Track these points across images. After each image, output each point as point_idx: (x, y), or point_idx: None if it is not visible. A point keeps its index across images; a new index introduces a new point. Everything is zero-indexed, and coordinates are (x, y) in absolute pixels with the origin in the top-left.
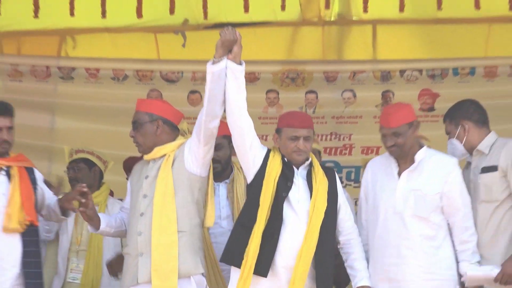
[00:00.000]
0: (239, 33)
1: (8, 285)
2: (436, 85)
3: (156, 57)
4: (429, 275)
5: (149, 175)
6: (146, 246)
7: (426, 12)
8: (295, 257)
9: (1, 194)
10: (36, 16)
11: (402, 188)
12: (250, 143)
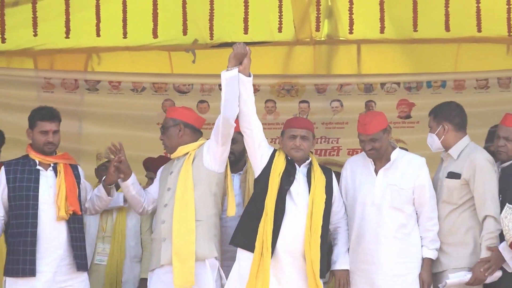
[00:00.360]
0: (249, 48)
1: (55, 265)
2: (412, 96)
3: (170, 71)
4: (401, 258)
5: (173, 171)
6: (168, 233)
7: (404, 33)
8: (294, 242)
9: (48, 187)
10: (67, 36)
11: (380, 184)
12: (258, 143)
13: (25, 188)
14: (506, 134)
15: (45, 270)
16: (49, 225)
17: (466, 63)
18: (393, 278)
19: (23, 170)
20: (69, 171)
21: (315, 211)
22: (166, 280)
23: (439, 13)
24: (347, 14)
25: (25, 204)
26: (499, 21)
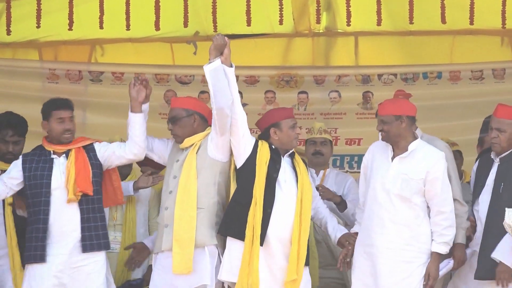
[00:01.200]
0: (228, 38)
1: (71, 246)
2: (408, 87)
3: (172, 63)
4: (407, 246)
5: (179, 159)
6: (170, 219)
7: (400, 26)
8: (284, 228)
9: (61, 173)
10: (70, 28)
11: (394, 170)
12: (243, 133)
13: (39, 177)
14: (498, 125)
15: (60, 252)
16: (62, 209)
17: (461, 54)
18: (395, 264)
19: (38, 160)
20: (81, 154)
21: (304, 198)
22: (166, 265)
23: (435, 5)
24: (345, 7)
25: (38, 192)
26: (493, 14)
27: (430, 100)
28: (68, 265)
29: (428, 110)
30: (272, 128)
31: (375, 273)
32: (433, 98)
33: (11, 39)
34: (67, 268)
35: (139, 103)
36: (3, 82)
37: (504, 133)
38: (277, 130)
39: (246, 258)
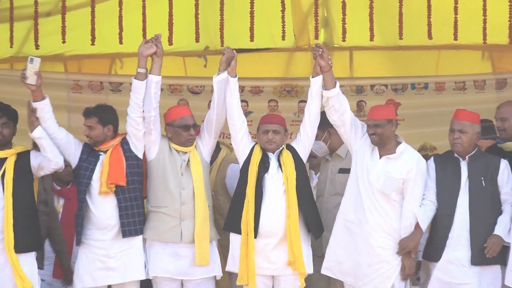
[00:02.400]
0: (235, 52)
1: (113, 233)
2: (398, 97)
3: (184, 74)
4: (388, 235)
5: (184, 159)
6: (189, 214)
7: (390, 41)
8: (275, 219)
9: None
10: (92, 43)
11: (379, 168)
12: (241, 137)
13: (84, 168)
14: (460, 127)
15: (103, 238)
16: (101, 199)
17: (446, 67)
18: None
19: (88, 155)
20: (117, 149)
21: (290, 188)
22: (183, 254)
23: (422, 23)
24: (341, 24)
25: (81, 182)
26: (475, 30)
27: (418, 108)
28: (112, 250)
29: (416, 117)
30: (257, 131)
31: (353, 249)
32: (420, 106)
33: (39, 53)
34: (111, 252)
35: (145, 58)
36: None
37: (466, 134)
38: (257, 134)
39: (244, 250)
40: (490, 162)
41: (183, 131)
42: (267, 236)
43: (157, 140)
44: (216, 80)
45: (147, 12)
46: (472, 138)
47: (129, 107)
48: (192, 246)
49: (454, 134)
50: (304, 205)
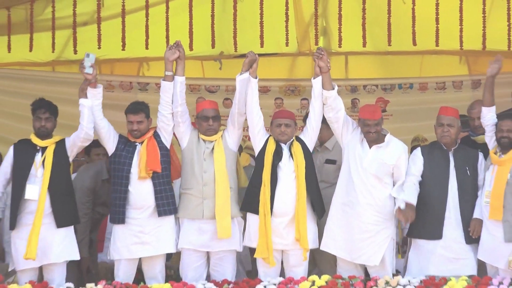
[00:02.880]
0: (257, 55)
1: (149, 212)
2: (387, 95)
3: (202, 76)
4: (377, 213)
5: (208, 147)
6: (209, 194)
7: (380, 47)
8: (287, 201)
9: (140, 156)
10: (123, 49)
11: (371, 156)
12: (258, 130)
13: (123, 157)
14: (449, 121)
15: (139, 217)
16: (138, 183)
17: (428, 70)
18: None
19: (124, 146)
20: (152, 141)
21: (299, 174)
22: (206, 229)
23: (408, 31)
24: (337, 32)
25: (121, 169)
26: (453, 38)
27: (404, 105)
28: (147, 227)
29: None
30: (270, 125)
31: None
32: (406, 104)
33: (77, 57)
34: (146, 229)
35: (171, 62)
36: (71, 91)
37: (454, 128)
38: (270, 127)
39: (262, 228)
40: (470, 153)
41: (203, 121)
42: (280, 216)
43: (187, 132)
44: (239, 79)
45: (170, 22)
46: (458, 131)
47: (160, 105)
48: (214, 222)
49: (444, 128)
50: (310, 189)
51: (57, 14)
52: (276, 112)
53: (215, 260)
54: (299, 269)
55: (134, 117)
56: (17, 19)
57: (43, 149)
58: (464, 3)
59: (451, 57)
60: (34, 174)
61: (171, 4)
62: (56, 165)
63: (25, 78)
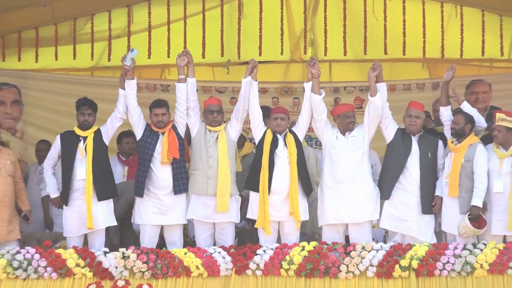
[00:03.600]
0: (257, 62)
1: (168, 190)
2: (363, 95)
3: (213, 79)
4: (362, 182)
5: (213, 136)
6: (213, 175)
7: (358, 56)
8: (282, 182)
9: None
10: (149, 57)
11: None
12: (258, 123)
13: (148, 143)
14: (416, 113)
15: (160, 193)
16: (160, 167)
17: (397, 74)
18: (353, 191)
19: (149, 134)
20: (171, 133)
21: (292, 160)
22: (209, 204)
23: (380, 42)
24: (323, 44)
25: (146, 152)
26: (417, 48)
27: None
28: (165, 202)
29: None
30: (267, 118)
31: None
32: None
33: (111, 64)
34: (165, 203)
35: (182, 68)
36: (106, 91)
37: (419, 119)
38: (268, 120)
39: (262, 203)
40: (431, 140)
41: (209, 114)
42: (276, 193)
43: (196, 123)
44: (244, 81)
45: (187, 35)
46: (422, 122)
47: (176, 103)
48: (215, 198)
49: (411, 118)
50: (300, 173)
51: (95, 29)
52: (273, 108)
53: (218, 230)
54: (292, 237)
55: (159, 110)
56: (63, 33)
57: (84, 138)
58: (426, 20)
59: (415, 64)
60: (80, 159)
61: (188, 21)
62: (96, 150)
63: (69, 81)
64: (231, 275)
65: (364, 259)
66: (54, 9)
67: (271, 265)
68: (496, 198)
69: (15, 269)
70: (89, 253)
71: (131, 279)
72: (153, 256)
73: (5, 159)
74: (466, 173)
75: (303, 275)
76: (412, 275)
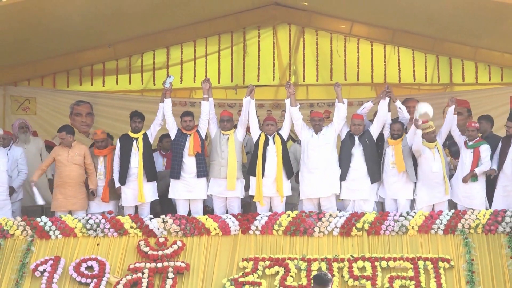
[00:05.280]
0: (254, 86)
1: (193, 174)
2: (330, 108)
3: (225, 97)
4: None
5: (225, 138)
6: (225, 163)
7: (326, 81)
8: (272, 168)
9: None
10: (181, 82)
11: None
12: (254, 128)
13: (180, 141)
14: (358, 122)
15: (188, 176)
16: (188, 158)
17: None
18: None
19: (180, 135)
20: (196, 134)
21: (278, 154)
22: (222, 184)
23: (341, 71)
24: (302, 72)
25: (179, 147)
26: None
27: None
28: (191, 183)
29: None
30: (262, 124)
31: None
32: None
33: (155, 87)
34: (190, 184)
35: (206, 90)
36: (152, 106)
37: (361, 126)
38: (262, 125)
39: (257, 184)
40: (366, 132)
41: (221, 122)
42: (268, 177)
43: (214, 129)
44: (244, 100)
45: (207, 66)
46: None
47: (201, 115)
48: (226, 180)
49: (355, 126)
50: (284, 162)
51: (144, 63)
52: (265, 117)
53: (229, 202)
54: (279, 207)
55: (187, 117)
56: (122, 66)
57: (136, 139)
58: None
59: (366, 87)
60: (135, 153)
61: (208, 57)
62: (144, 146)
63: (125, 99)
64: (238, 234)
65: (331, 223)
66: (116, 49)
67: (266, 227)
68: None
69: (88, 230)
70: (139, 219)
71: (168, 237)
72: (184, 221)
73: (74, 152)
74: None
75: (289, 234)
76: (364, 234)
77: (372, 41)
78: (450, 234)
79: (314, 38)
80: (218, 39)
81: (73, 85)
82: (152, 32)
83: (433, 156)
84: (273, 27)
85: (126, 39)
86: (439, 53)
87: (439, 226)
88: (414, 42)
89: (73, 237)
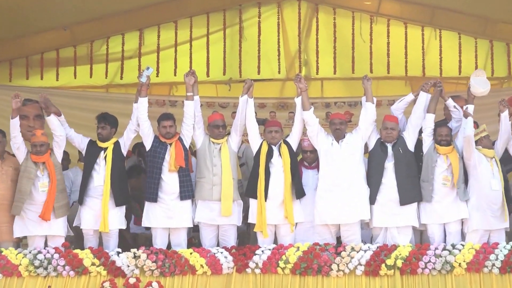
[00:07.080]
0: (252, 81)
1: (174, 196)
2: (352, 109)
3: (216, 95)
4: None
5: (216, 148)
6: (218, 182)
7: (347, 74)
8: (277, 189)
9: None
10: (157, 76)
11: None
12: (254, 136)
13: (158, 152)
14: (391, 126)
15: (167, 199)
16: (168, 174)
17: (382, 90)
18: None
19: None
20: (178, 144)
21: (285, 168)
22: (214, 208)
23: (366, 62)
24: (315, 63)
25: (156, 161)
26: (400, 67)
27: None
28: (172, 207)
29: None
30: (263, 132)
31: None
32: None
33: (124, 82)
34: (171, 208)
35: (190, 86)
36: (119, 106)
37: (395, 130)
38: (263, 133)
39: (259, 209)
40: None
41: (215, 128)
42: (273, 199)
43: (201, 135)
44: (240, 99)
45: (192, 56)
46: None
47: (184, 118)
48: (220, 203)
49: (387, 131)
50: (294, 180)
51: (110, 51)
52: (267, 122)
53: (221, 232)
54: (287, 238)
55: (167, 122)
56: (81, 54)
57: (104, 149)
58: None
59: (399, 81)
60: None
61: (194, 43)
62: (114, 160)
63: (86, 97)
64: (232, 273)
65: (353, 259)
66: (73, 32)
67: (269, 264)
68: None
69: (37, 268)
70: (103, 253)
71: (141, 277)
72: (161, 255)
73: (8, 166)
74: None
75: (298, 273)
76: (397, 273)
77: (406, 22)
78: (509, 273)
79: (331, 18)
80: (207, 19)
81: (18, 79)
82: (121, 10)
83: (491, 169)
84: (278, 3)
85: (87, 19)
86: (493, 37)
87: (494, 263)
88: (461, 23)
89: (17, 277)
